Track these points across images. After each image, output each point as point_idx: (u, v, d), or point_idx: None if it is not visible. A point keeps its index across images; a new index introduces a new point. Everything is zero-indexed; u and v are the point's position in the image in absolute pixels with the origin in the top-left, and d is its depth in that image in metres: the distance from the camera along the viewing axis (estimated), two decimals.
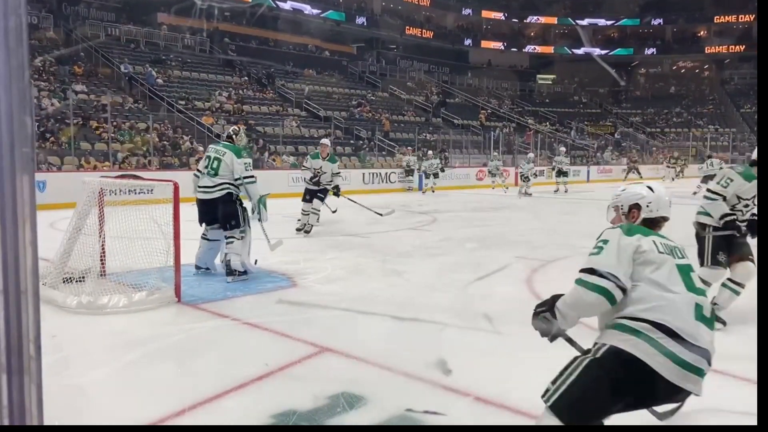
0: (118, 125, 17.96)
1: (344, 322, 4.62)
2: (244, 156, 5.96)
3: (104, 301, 4.81)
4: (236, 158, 5.88)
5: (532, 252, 7.88)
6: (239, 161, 5.87)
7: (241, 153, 5.94)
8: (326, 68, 33.26)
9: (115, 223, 5.43)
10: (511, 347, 4.02)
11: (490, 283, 6.08)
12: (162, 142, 18.00)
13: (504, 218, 12.43)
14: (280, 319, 4.62)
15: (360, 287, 5.79)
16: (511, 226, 11.10)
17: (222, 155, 5.90)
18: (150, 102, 21.23)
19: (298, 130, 23.62)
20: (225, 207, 5.82)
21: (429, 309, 4.98)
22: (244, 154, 5.99)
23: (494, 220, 11.97)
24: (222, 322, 4.57)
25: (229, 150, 5.95)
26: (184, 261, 5.34)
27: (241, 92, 25.19)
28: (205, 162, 5.95)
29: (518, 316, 4.87)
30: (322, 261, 7.09)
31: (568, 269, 6.84)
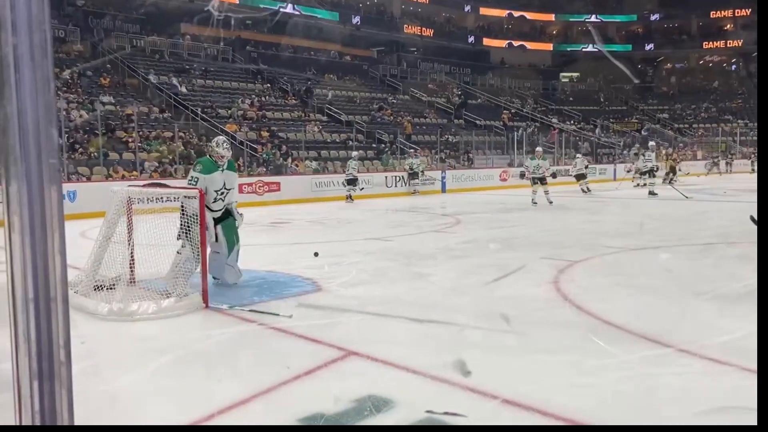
0: (145, 135, 18.26)
1: (369, 326, 4.64)
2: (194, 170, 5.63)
3: (134, 308, 4.89)
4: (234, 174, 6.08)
5: (558, 252, 7.80)
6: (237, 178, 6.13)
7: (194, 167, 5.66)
8: (347, 73, 33.42)
9: (144, 231, 5.52)
10: (535, 349, 4.00)
11: (514, 284, 6.04)
12: (187, 151, 18.25)
13: (529, 219, 12.33)
14: (305, 323, 4.65)
15: (384, 290, 5.80)
16: (536, 227, 11.01)
17: (230, 175, 6.09)
18: (175, 111, 21.56)
19: (320, 135, 23.76)
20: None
21: (453, 311, 4.97)
22: (196, 168, 5.64)
23: (519, 221, 11.89)
24: (248, 327, 4.61)
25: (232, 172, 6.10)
26: None
27: (263, 99, 25.44)
28: (218, 187, 6.01)
29: (543, 317, 4.87)
30: (346, 265, 7.12)
31: (595, 269, 6.80)
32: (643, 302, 5.21)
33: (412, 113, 30.47)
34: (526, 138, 28.34)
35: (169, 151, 17.64)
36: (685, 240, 8.68)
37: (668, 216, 12.17)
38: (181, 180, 15.56)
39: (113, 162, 16.30)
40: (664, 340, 3.99)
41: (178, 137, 18.01)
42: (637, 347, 3.96)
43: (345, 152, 22.75)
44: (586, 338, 4.15)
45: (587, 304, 5.04)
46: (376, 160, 23.05)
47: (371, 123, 26.91)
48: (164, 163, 17.08)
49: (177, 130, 17.91)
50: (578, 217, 12.62)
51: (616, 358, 3.77)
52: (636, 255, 7.69)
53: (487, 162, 25.69)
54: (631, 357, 3.79)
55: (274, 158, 19.44)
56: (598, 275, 6.50)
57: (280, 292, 5.70)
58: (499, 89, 40.08)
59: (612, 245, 8.24)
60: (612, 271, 6.70)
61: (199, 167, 5.56)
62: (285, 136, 22.43)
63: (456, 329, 4.50)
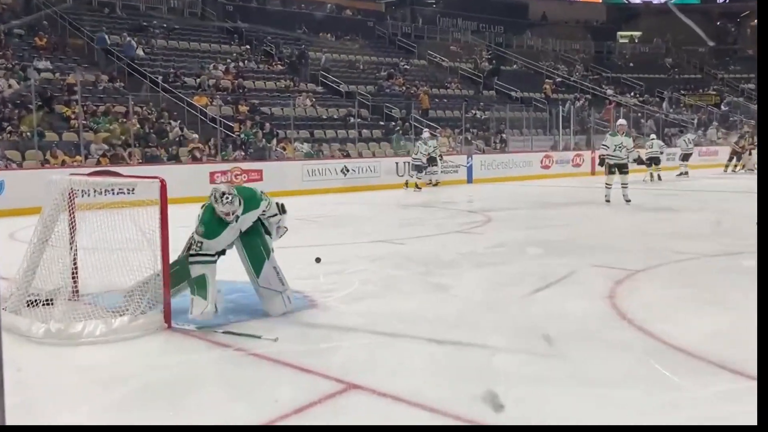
0: (91, 110, 18.34)
1: (375, 351, 4.65)
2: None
3: (77, 329, 4.92)
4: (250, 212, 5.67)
5: (615, 259, 7.79)
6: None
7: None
8: (348, 31, 33.41)
9: (89, 231, 5.55)
10: (584, 380, 4.00)
11: (558, 298, 6.03)
12: (145, 130, 18.33)
13: (578, 217, 12.31)
14: (295, 348, 4.67)
15: (395, 306, 5.81)
16: (586, 226, 10.98)
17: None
18: (129, 80, 21.64)
19: (314, 110, 23.80)
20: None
21: (481, 331, 4.98)
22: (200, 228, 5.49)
23: (565, 219, 11.87)
24: (223, 352, 4.63)
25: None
26: None
27: (242, 65, 25.51)
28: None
29: (594, 339, 4.87)
30: (348, 274, 7.14)
31: (661, 280, 6.78)
32: (720, 323, 5.20)
33: (430, 82, 30.45)
34: (574, 114, 28.28)
35: (122, 130, 17.71)
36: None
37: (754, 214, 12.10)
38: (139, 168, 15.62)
39: (51, 144, 16.37)
40: (746, 370, 3.98)
41: (133, 113, 18.08)
42: (712, 379, 3.95)
43: (344, 132, 22.78)
44: (649, 367, 4.15)
45: (651, 324, 5.04)
46: (384, 141, 23.07)
47: (378, 95, 26.91)
48: (116, 145, 17.15)
49: (132, 104, 17.97)
50: (641, 213, 12.59)
51: (686, 393, 3.77)
52: (713, 263, 7.66)
53: (524, 144, 25.67)
54: (704, 392, 3.79)
55: (254, 139, 19.49)
56: (666, 288, 6.48)
57: (260, 309, 5.71)
58: (540, 52, 39.96)
59: (683, 250, 8.22)
60: (683, 282, 6.68)
61: (201, 228, 5.22)
62: (269, 112, 22.46)
63: (485, 354, 4.51)
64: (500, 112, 27.52)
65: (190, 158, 17.64)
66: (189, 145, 18.22)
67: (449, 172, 20.89)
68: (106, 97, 19.65)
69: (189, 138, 18.78)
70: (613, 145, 13.99)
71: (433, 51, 34.25)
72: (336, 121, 23.76)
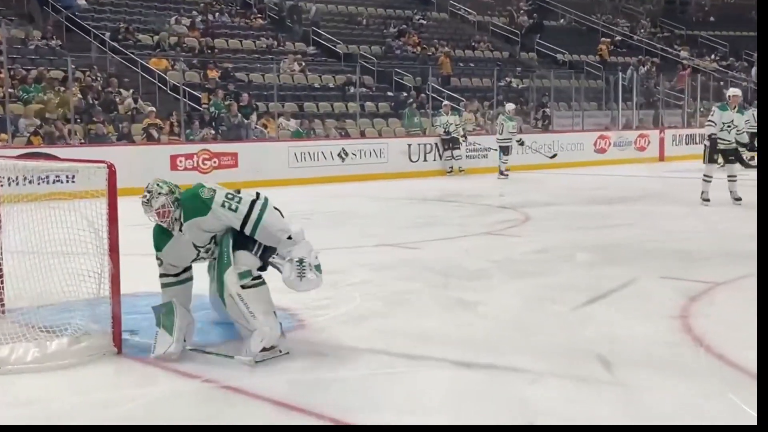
0: (20, 75, 18.37)
1: (379, 384, 4.68)
2: None
3: (3, 354, 4.95)
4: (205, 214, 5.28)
5: (689, 269, 7.79)
6: (217, 208, 5.24)
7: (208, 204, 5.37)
8: None
9: (18, 230, 5.58)
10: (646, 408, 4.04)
11: (614, 318, 6.05)
12: (88, 101, 18.38)
13: (642, 214, 12.30)
14: (277, 379, 4.70)
15: (405, 328, 5.83)
16: (653, 227, 10.96)
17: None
18: (69, 37, 21.68)
19: (303, 76, 23.81)
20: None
21: (515, 353, 5.02)
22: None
23: (625, 216, 11.86)
24: (188, 385, 4.67)
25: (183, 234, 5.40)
26: (128, 289, 5.46)
27: (211, 18, 25.54)
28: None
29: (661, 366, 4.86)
30: (346, 287, 7.15)
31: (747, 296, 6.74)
32: None
33: (453, 41, 30.45)
34: (637, 82, 28.17)
35: (60, 101, 17.75)
36: None
37: None
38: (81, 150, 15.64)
39: None
40: None
41: (73, 80, 18.12)
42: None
43: (342, 105, 22.78)
44: (729, 403, 4.16)
45: (733, 351, 5.04)
46: (394, 117, 23.08)
47: (386, 57, 26.91)
48: (51, 120, 17.20)
49: (72, 69, 18.02)
50: (722, 211, 12.54)
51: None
52: None
53: (573, 122, 25.63)
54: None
55: (228, 114, 19.52)
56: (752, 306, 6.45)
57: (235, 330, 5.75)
58: (594, 3, 39.87)
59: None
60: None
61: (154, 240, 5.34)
62: (246, 78, 22.48)
63: (518, 378, 4.53)
64: (542, 80, 27.51)
65: (145, 138, 17.68)
66: (144, 122, 18.25)
67: (476, 157, 20.91)
68: (39, 59, 19.72)
69: (144, 112, 18.80)
70: (722, 123, 12.77)
71: (456, 1, 34.21)
72: (332, 91, 23.78)
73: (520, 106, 23.41)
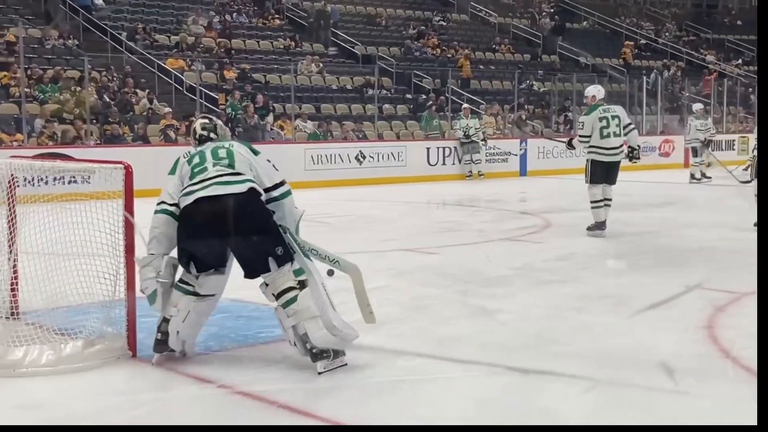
0: (37, 75, 18.46)
1: (397, 391, 4.66)
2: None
3: (17, 356, 4.96)
4: (252, 153, 5.22)
5: (715, 278, 7.74)
6: (263, 159, 5.25)
7: (253, 148, 5.39)
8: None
9: (33, 230, 5.59)
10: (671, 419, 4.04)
11: (640, 329, 6.02)
12: (105, 101, 18.46)
13: (667, 221, 12.25)
14: (294, 386, 4.69)
15: (424, 334, 5.82)
16: (678, 234, 10.91)
17: (228, 146, 5.25)
18: (85, 37, 21.79)
19: (321, 78, 23.84)
20: (262, 216, 5.02)
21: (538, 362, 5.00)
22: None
23: (650, 223, 11.81)
24: (203, 389, 4.66)
25: (235, 143, 5.41)
26: None
27: (229, 19, 25.63)
28: (197, 159, 5.15)
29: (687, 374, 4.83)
30: None
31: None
32: None
33: (474, 43, 30.45)
34: (662, 87, 28.06)
35: (76, 101, 17.83)
36: None
37: None
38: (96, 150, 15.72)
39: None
40: None
41: (89, 80, 18.20)
42: None
43: (360, 107, 22.78)
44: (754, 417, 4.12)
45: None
46: (412, 120, 23.07)
47: (405, 59, 26.92)
48: (67, 120, 17.28)
49: (89, 69, 18.10)
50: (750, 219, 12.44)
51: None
52: None
53: None
54: None
55: (244, 115, 19.55)
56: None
57: (251, 334, 5.73)
58: (618, 6, 39.78)
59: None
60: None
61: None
62: (263, 79, 22.53)
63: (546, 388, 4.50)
64: (565, 83, 27.44)
65: (161, 138, 17.75)
66: (161, 122, 18.33)
67: (497, 161, 20.88)
68: (56, 59, 19.82)
69: (160, 112, 18.87)
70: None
71: (477, 3, 34.20)
72: (350, 93, 23.81)
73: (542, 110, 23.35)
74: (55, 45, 20.68)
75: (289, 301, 4.82)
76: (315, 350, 4.81)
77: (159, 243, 4.97)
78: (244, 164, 5.06)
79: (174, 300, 5.01)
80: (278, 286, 4.86)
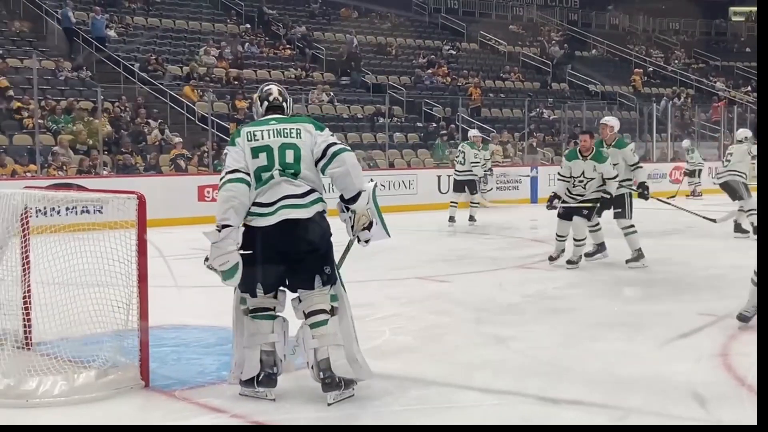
0: (50, 106, 18.58)
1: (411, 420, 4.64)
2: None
3: (31, 387, 4.95)
4: (317, 130, 5.15)
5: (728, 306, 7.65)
6: (323, 134, 5.14)
7: (319, 124, 5.29)
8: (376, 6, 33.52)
9: (46, 260, 5.59)
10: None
11: (653, 356, 6.00)
12: (117, 132, 18.55)
13: (679, 248, 12.23)
14: (306, 414, 4.69)
15: (437, 363, 5.81)
16: (691, 261, 10.87)
17: (295, 135, 5.06)
18: (98, 68, 21.95)
19: (332, 107, 23.95)
20: (324, 237, 5.07)
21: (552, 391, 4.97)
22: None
23: (662, 251, 11.75)
24: (216, 419, 4.66)
25: (302, 123, 5.21)
26: (156, 322, 5.47)
27: (240, 49, 25.79)
28: (263, 156, 4.96)
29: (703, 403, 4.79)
30: (374, 321, 7.13)
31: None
32: None
33: (484, 72, 30.57)
34: (672, 113, 28.05)
35: (89, 131, 17.91)
36: None
37: None
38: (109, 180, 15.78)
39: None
40: None
41: (102, 110, 18.28)
42: None
43: (371, 136, 22.83)
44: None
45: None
46: (423, 148, 23.11)
47: (415, 88, 27.02)
48: (80, 150, 17.36)
49: (101, 100, 18.19)
50: None
51: None
52: None
53: None
54: None
55: None
56: None
57: None
58: (627, 33, 39.88)
59: None
60: None
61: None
62: None
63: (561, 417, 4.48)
64: (574, 111, 27.52)
65: (173, 168, 17.81)
66: (172, 152, 18.39)
67: (507, 189, 20.85)
68: (69, 90, 19.94)
69: (172, 142, 18.95)
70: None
71: (487, 32, 34.37)
72: (360, 122, 23.90)
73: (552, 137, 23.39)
74: (68, 76, 20.83)
75: (318, 323, 4.85)
76: (328, 380, 4.77)
77: (237, 213, 4.82)
78: (308, 161, 4.99)
79: (265, 329, 4.93)
80: (312, 305, 4.90)
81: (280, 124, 5.07)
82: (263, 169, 4.90)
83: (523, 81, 31.12)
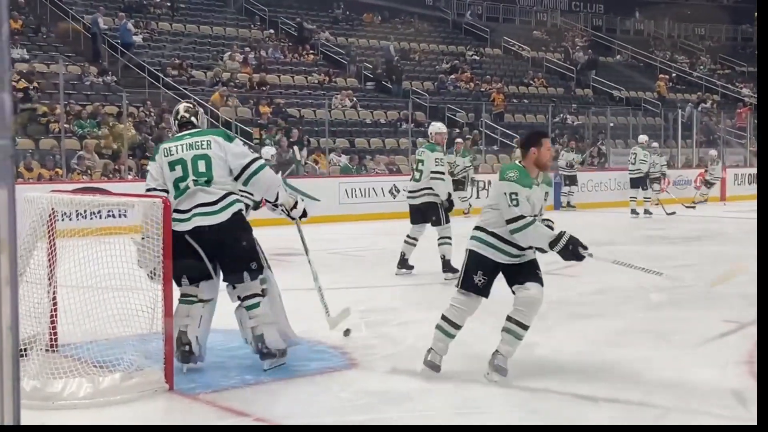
0: (76, 110, 18.73)
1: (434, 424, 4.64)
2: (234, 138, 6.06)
3: (56, 389, 5.01)
4: (227, 142, 5.71)
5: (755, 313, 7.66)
6: (233, 145, 5.75)
7: (228, 135, 6.06)
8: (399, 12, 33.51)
9: (72, 264, 5.65)
10: None
11: (678, 364, 5.98)
12: (142, 135, 18.67)
13: (705, 255, 12.16)
14: (329, 419, 4.70)
15: (460, 369, 5.82)
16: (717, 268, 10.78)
17: (206, 146, 5.63)
18: (124, 73, 22.13)
19: (355, 112, 24.00)
20: (239, 237, 5.65)
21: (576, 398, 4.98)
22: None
23: (687, 258, 11.72)
24: (239, 422, 4.69)
25: (212, 135, 5.81)
26: None
27: (264, 54, 25.90)
28: (179, 168, 5.61)
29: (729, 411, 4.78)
30: (397, 326, 7.16)
31: None
32: None
33: (507, 78, 30.53)
34: (697, 120, 27.90)
35: (115, 136, 18.04)
36: None
37: None
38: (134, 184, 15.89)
39: (25, 153, 16.76)
40: None
41: (127, 115, 18.43)
42: None
43: (394, 141, 22.86)
44: None
45: None
46: (447, 152, 23.05)
47: (438, 93, 27.03)
48: (105, 155, 17.49)
49: (126, 104, 18.33)
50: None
51: None
52: None
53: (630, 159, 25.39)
54: None
55: (279, 149, 19.68)
56: None
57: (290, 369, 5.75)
58: (652, 39, 39.71)
59: None
60: None
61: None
62: (298, 114, 22.71)
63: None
64: (599, 116, 27.36)
65: None
66: None
67: None
68: (95, 95, 20.13)
69: None
70: None
71: (510, 38, 34.31)
72: (384, 127, 23.94)
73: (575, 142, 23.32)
74: (93, 81, 21.00)
75: (252, 306, 5.62)
76: (265, 351, 5.57)
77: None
78: (220, 167, 5.61)
79: (182, 312, 5.59)
80: (245, 291, 5.64)
81: (192, 137, 5.75)
82: (180, 180, 5.60)
83: (546, 87, 31.07)
